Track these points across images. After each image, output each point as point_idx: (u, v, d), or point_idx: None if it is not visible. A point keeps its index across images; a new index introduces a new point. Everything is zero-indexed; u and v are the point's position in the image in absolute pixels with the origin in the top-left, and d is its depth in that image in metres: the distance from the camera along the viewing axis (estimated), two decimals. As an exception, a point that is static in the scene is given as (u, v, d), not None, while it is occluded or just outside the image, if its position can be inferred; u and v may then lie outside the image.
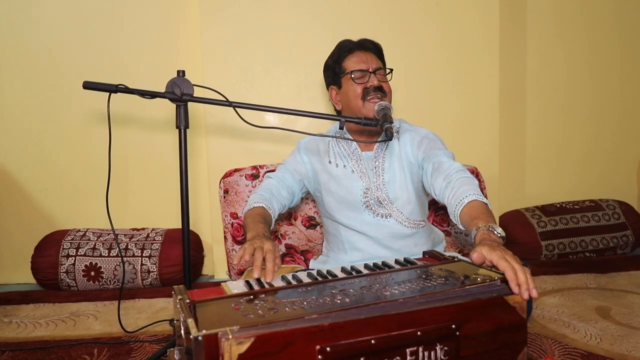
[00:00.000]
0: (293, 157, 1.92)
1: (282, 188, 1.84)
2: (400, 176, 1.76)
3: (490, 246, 1.17)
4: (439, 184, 1.57)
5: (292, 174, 1.88)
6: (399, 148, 1.78)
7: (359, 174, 1.78)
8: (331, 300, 1.05)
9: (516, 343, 1.09)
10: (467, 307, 1.04)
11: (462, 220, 1.43)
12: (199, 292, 1.18)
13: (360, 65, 1.73)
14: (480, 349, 1.05)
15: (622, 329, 1.76)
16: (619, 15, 2.99)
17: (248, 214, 1.71)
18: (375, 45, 1.82)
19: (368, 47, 1.79)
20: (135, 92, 1.48)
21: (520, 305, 1.08)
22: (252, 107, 1.56)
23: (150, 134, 2.66)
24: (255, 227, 1.57)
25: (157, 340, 1.79)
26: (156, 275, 2.41)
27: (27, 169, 2.62)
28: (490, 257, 1.14)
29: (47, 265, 2.40)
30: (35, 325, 1.98)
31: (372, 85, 1.70)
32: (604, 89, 3.04)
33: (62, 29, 2.57)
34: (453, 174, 1.54)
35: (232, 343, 0.88)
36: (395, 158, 1.77)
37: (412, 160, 1.76)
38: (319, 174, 1.86)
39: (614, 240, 2.77)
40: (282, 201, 1.82)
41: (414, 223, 1.78)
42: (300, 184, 1.89)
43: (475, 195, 1.43)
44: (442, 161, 1.62)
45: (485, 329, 1.05)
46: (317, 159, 1.87)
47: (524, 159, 3.02)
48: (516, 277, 1.08)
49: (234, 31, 2.53)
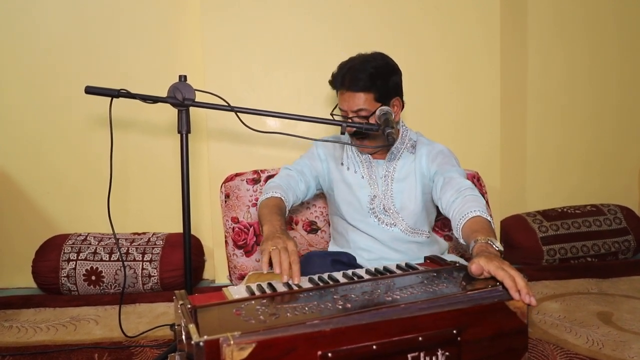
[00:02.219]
0: (311, 153, 1.94)
1: (300, 180, 1.85)
2: (411, 187, 1.77)
3: (487, 257, 1.17)
4: (447, 198, 1.58)
5: (309, 169, 1.89)
6: (414, 160, 1.79)
7: (368, 181, 1.80)
8: (333, 305, 1.05)
9: (517, 348, 1.09)
10: (469, 312, 1.04)
11: (463, 233, 1.43)
12: (200, 297, 1.18)
13: (342, 105, 1.72)
14: (481, 354, 1.06)
15: (624, 335, 1.76)
16: (620, 17, 2.99)
17: (264, 203, 1.69)
18: (363, 78, 1.65)
19: (350, 86, 1.66)
20: (137, 97, 1.48)
21: (521, 311, 1.08)
22: (254, 112, 1.57)
23: (152, 138, 2.66)
24: (272, 220, 1.54)
25: (158, 345, 1.78)
26: (157, 279, 2.41)
27: (28, 173, 2.62)
28: (488, 268, 1.14)
29: (47, 270, 2.39)
30: (35, 329, 1.97)
31: (349, 131, 1.70)
32: (604, 92, 3.04)
33: (63, 33, 2.57)
34: (463, 190, 1.55)
35: (233, 349, 0.88)
36: (407, 169, 1.79)
37: (425, 173, 1.77)
38: (332, 173, 1.89)
39: (615, 245, 2.76)
40: (298, 194, 1.83)
41: (417, 233, 1.80)
42: (316, 180, 1.91)
43: (480, 212, 1.43)
44: (454, 177, 1.63)
45: (486, 334, 1.06)
46: (332, 159, 1.89)
47: (524, 164, 3.02)
48: (515, 284, 1.08)
49: (234, 34, 2.53)
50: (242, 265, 2.35)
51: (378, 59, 1.72)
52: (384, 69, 1.69)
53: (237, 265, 2.35)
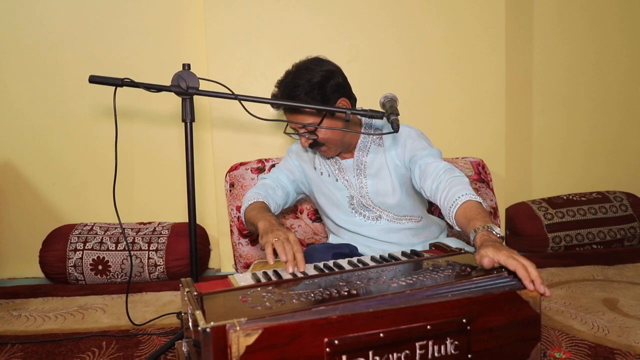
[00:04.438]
0: (285, 161, 1.93)
1: (277, 187, 1.83)
2: (386, 180, 1.73)
3: (494, 247, 1.15)
4: (429, 186, 1.55)
5: (286, 175, 1.87)
6: (384, 152, 1.74)
7: (342, 182, 1.78)
8: (339, 292, 1.05)
9: (530, 338, 1.07)
10: (479, 301, 1.03)
11: (457, 222, 1.40)
12: (206, 284, 1.18)
13: (290, 124, 1.69)
14: (492, 344, 1.04)
15: (630, 321, 1.76)
16: (624, 7, 2.96)
17: (249, 208, 1.69)
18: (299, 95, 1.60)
19: (287, 110, 1.66)
20: (141, 86, 1.48)
21: (534, 300, 1.06)
22: (258, 100, 1.56)
23: (156, 127, 2.66)
24: (264, 216, 1.55)
25: (165, 333, 1.80)
26: (163, 268, 2.42)
27: (34, 164, 2.63)
28: (498, 258, 1.12)
29: (55, 260, 2.41)
30: (44, 318, 1.99)
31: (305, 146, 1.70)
32: (608, 80, 3.01)
33: (67, 24, 2.56)
34: (441, 175, 1.52)
35: (239, 335, 0.89)
36: (378, 162, 1.74)
37: (398, 162, 1.72)
38: (310, 178, 1.87)
39: (621, 232, 2.75)
40: (277, 200, 1.81)
41: (408, 219, 1.77)
42: (294, 184, 1.89)
43: (467, 195, 1.40)
44: (428, 162, 1.59)
45: (497, 323, 1.04)
46: (308, 164, 1.87)
47: (530, 152, 3.00)
48: (528, 274, 1.07)
49: (238, 23, 2.52)
50: (248, 254, 2.36)
51: (311, 70, 1.63)
52: (318, 78, 1.61)
53: (242, 255, 2.36)
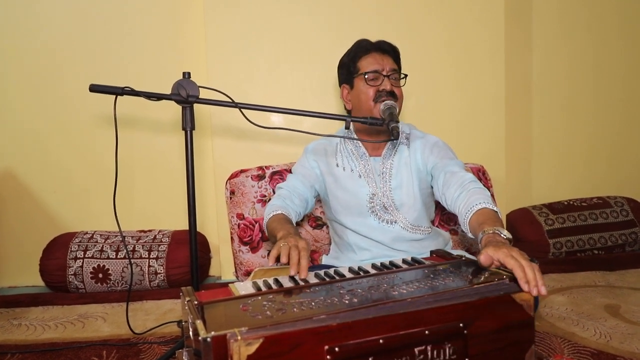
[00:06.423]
0: (301, 163, 1.91)
1: (294, 196, 1.82)
2: (408, 182, 1.75)
3: (495, 246, 1.16)
4: (451, 194, 1.56)
5: (301, 182, 1.86)
6: (409, 154, 1.77)
7: (366, 179, 1.78)
8: (339, 300, 1.05)
9: (524, 341, 1.09)
10: (475, 305, 1.04)
11: (470, 227, 1.42)
12: (207, 293, 1.18)
13: (374, 66, 1.72)
14: (488, 347, 1.05)
15: (632, 327, 1.75)
16: (623, 10, 2.98)
17: (270, 221, 1.69)
18: (393, 49, 1.79)
19: (385, 50, 1.76)
20: (142, 95, 1.48)
21: (528, 303, 1.08)
22: (258, 108, 1.56)
23: (156, 135, 2.66)
24: (284, 227, 1.55)
25: (165, 342, 1.79)
26: (163, 276, 2.42)
27: (34, 172, 2.64)
28: (497, 256, 1.14)
29: (55, 268, 2.41)
30: (44, 327, 1.99)
31: (384, 89, 1.69)
32: (608, 85, 3.02)
33: (66, 32, 2.58)
34: (466, 184, 1.54)
35: (240, 344, 0.88)
36: (403, 164, 1.77)
37: (421, 167, 1.75)
38: (325, 177, 1.86)
39: (622, 237, 2.75)
40: (296, 209, 1.80)
41: (419, 230, 1.77)
42: (312, 189, 1.87)
43: (485, 203, 1.42)
44: (455, 171, 1.62)
45: (492, 327, 1.05)
46: (324, 162, 1.86)
47: (530, 157, 3.01)
48: (525, 275, 1.07)
49: (238, 31, 2.53)
50: (248, 261, 2.35)
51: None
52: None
53: (243, 262, 2.36)
